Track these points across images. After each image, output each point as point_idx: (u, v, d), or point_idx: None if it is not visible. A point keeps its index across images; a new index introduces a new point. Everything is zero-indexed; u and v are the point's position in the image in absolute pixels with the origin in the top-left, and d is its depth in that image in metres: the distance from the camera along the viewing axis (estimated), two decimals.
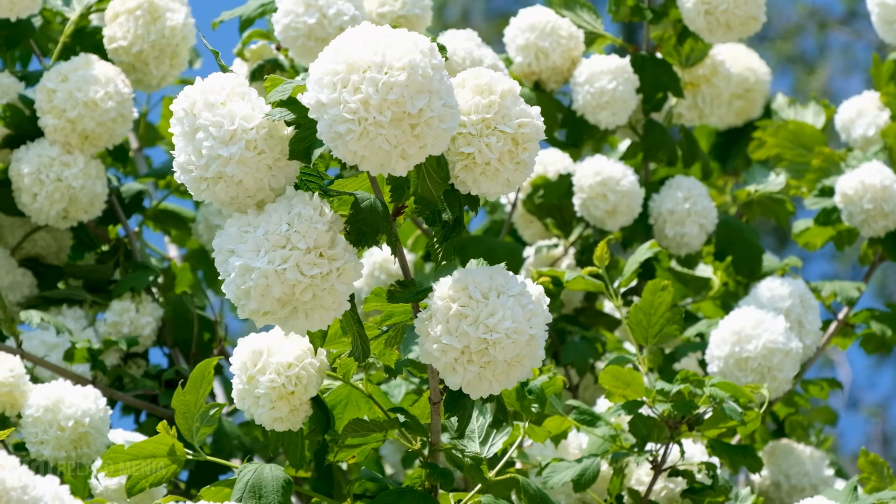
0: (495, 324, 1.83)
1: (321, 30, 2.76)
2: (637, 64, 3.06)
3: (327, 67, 1.73)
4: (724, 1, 2.92)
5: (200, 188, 1.83)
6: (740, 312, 2.73)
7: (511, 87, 1.88)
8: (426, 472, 2.11)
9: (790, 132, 3.21)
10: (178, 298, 2.95)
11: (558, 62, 3.05)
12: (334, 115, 1.72)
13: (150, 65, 2.88)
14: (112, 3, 2.89)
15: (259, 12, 2.87)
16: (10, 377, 2.36)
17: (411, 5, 2.86)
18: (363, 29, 1.76)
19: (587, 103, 3.01)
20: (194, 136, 1.82)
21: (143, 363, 2.93)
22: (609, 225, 2.97)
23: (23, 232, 2.97)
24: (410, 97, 1.71)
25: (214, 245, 1.84)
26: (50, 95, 2.77)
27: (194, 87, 1.83)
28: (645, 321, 2.38)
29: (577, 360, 2.95)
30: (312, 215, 1.80)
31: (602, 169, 2.95)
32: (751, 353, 2.68)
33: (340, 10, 2.75)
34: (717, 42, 2.99)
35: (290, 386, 2.06)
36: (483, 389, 1.87)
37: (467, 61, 2.89)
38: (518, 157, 1.88)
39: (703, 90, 3.14)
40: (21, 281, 2.89)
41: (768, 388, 2.66)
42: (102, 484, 2.47)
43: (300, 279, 1.78)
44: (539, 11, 3.06)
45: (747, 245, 3.09)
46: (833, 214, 3.02)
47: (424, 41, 1.75)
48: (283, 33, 2.78)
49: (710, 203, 3.03)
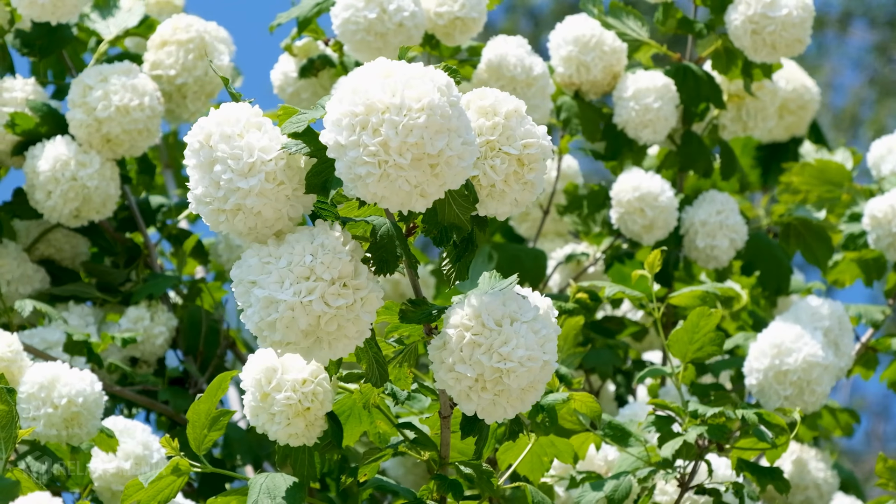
0: (509, 352, 1.85)
1: (381, 25, 2.78)
2: (679, 74, 3.06)
3: (345, 109, 1.73)
4: (773, 22, 2.92)
5: (219, 220, 1.83)
6: (780, 326, 2.75)
7: (516, 107, 1.87)
8: (436, 485, 2.13)
9: (816, 169, 3.21)
10: (195, 308, 2.96)
11: (599, 77, 3.06)
12: (354, 158, 1.72)
13: (188, 98, 2.91)
14: (160, 30, 2.91)
15: (316, 11, 2.89)
16: (7, 352, 2.38)
17: (469, 8, 2.88)
18: (380, 66, 1.75)
19: (630, 120, 3.02)
20: (211, 169, 1.82)
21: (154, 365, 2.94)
22: (645, 239, 2.99)
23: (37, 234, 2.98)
24: (430, 138, 1.71)
25: (233, 276, 1.85)
26: (85, 91, 2.79)
27: (209, 119, 1.83)
28: (686, 338, 2.40)
29: (599, 366, 2.98)
30: (336, 245, 1.80)
31: (641, 184, 2.96)
32: (791, 366, 2.71)
33: (400, 6, 2.77)
34: (759, 60, 2.99)
35: (306, 402, 2.08)
36: (497, 415, 1.90)
37: (518, 68, 2.92)
38: (524, 178, 1.88)
39: (748, 103, 3.15)
40: (32, 275, 2.91)
41: (805, 401, 2.68)
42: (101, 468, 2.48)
43: (326, 310, 1.79)
44: (584, 23, 3.05)
45: (776, 262, 3.11)
46: (860, 239, 3.03)
47: (441, 77, 1.75)
48: (341, 27, 2.79)
49: (741, 219, 3.05)
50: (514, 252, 3.10)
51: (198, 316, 2.97)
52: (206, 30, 2.94)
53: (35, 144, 2.82)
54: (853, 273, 3.15)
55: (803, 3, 2.92)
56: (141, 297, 2.87)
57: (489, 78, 2.91)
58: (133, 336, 2.76)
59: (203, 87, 2.90)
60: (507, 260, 3.06)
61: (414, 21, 2.79)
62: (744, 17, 2.93)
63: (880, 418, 8.53)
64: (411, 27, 2.79)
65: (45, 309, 2.68)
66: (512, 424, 2.08)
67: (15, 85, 2.86)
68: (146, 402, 2.84)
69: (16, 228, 2.97)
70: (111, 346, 2.84)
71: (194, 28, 2.92)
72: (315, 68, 3.00)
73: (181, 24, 2.93)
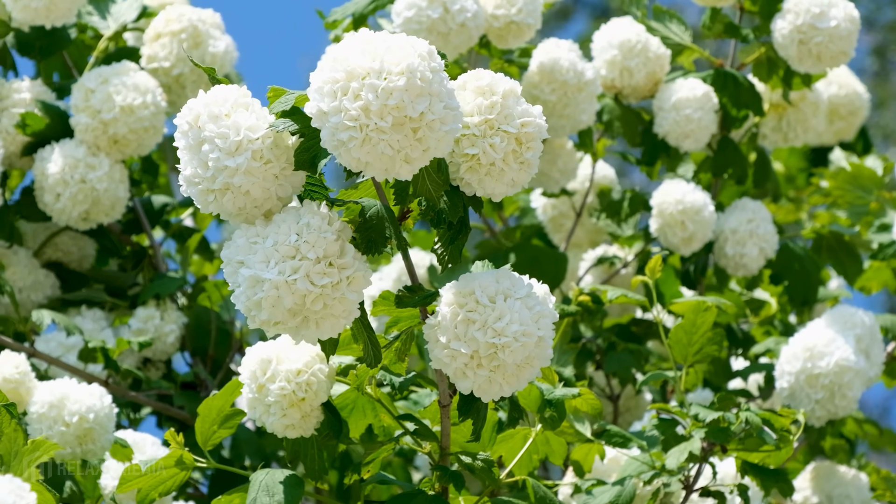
0: (503, 328, 1.83)
1: (443, 25, 2.79)
2: (720, 80, 3.05)
3: (327, 76, 1.73)
4: (821, 33, 2.90)
5: (208, 200, 1.83)
6: (812, 330, 2.73)
7: (512, 87, 1.88)
8: (437, 475, 2.11)
9: (849, 175, 3.19)
10: (200, 309, 2.94)
11: (641, 82, 3.06)
12: (336, 123, 1.72)
13: (187, 88, 2.92)
14: (154, 23, 2.93)
15: (372, 8, 2.90)
16: (15, 374, 2.38)
17: (526, 14, 2.88)
18: (361, 36, 1.76)
19: (671, 130, 3.01)
20: (200, 149, 1.82)
21: (162, 367, 2.93)
22: (683, 250, 2.98)
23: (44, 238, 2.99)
24: (410, 101, 1.71)
25: (223, 256, 1.84)
26: (87, 95, 2.80)
27: (197, 100, 1.84)
28: (685, 339, 2.38)
29: (619, 370, 2.96)
30: (321, 225, 1.80)
31: (685, 198, 2.95)
32: (823, 369, 2.68)
33: (464, 7, 2.78)
34: (803, 70, 2.97)
35: (300, 393, 2.06)
36: (494, 392, 1.87)
37: (571, 72, 2.92)
38: (522, 157, 1.87)
39: (789, 113, 3.14)
40: (43, 281, 2.92)
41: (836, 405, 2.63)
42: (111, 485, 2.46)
43: (311, 289, 1.78)
44: (629, 27, 3.05)
45: (805, 273, 3.08)
46: (889, 249, 3.01)
47: (423, 45, 1.75)
48: (404, 25, 2.80)
49: (772, 228, 3.03)
50: (534, 253, 3.08)
51: (205, 317, 2.96)
52: (200, 18, 2.94)
53: (44, 146, 2.83)
54: (881, 280, 3.11)
55: (851, 15, 2.91)
56: (147, 296, 2.87)
57: (541, 80, 2.91)
58: (148, 340, 2.75)
59: (201, 75, 2.92)
60: (526, 261, 3.04)
61: (476, 22, 2.80)
62: (792, 27, 2.91)
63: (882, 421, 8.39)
64: (472, 28, 2.80)
65: (64, 321, 2.67)
66: (511, 410, 2.04)
67: (22, 86, 2.88)
68: (160, 406, 2.83)
69: (22, 231, 2.98)
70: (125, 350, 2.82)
71: (186, 17, 2.92)
72: None
73: (173, 14, 2.93)
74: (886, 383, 3.07)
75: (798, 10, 2.91)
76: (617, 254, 3.25)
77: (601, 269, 3.27)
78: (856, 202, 3.16)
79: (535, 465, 2.26)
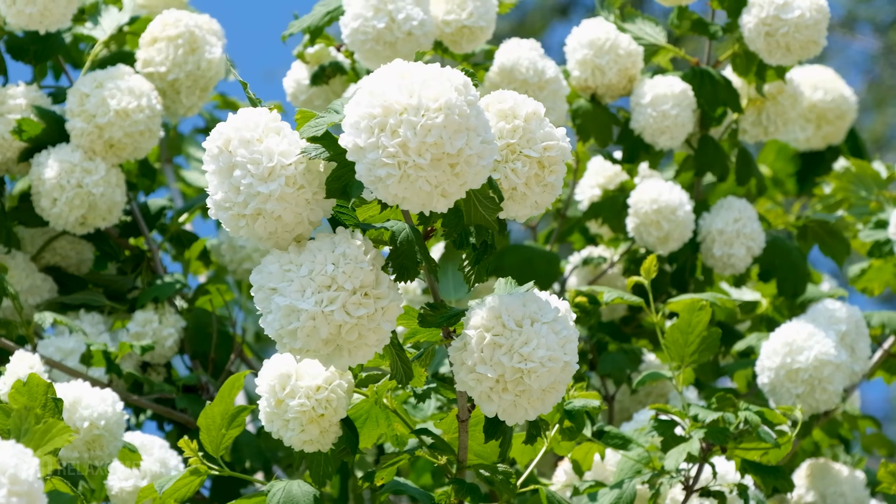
0: (530, 353, 1.84)
1: (389, 34, 2.78)
2: (696, 78, 3.06)
3: (363, 111, 1.72)
4: (786, 24, 2.91)
5: (239, 225, 1.83)
6: (792, 325, 2.74)
7: (535, 109, 1.88)
8: (454, 489, 2.12)
9: (854, 175, 3.21)
10: (200, 311, 2.93)
11: (614, 80, 3.05)
12: (373, 160, 1.71)
13: (182, 93, 2.88)
14: (150, 28, 2.89)
15: (327, 20, 2.89)
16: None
17: (477, 17, 2.87)
18: (396, 68, 1.74)
19: (648, 126, 3.01)
20: (231, 174, 1.81)
21: (162, 370, 2.92)
22: (660, 249, 2.99)
23: (42, 242, 2.97)
24: (449, 137, 1.71)
25: (253, 281, 1.84)
26: (82, 99, 2.78)
27: (227, 124, 1.82)
28: (681, 340, 2.39)
29: (614, 370, 2.99)
30: (357, 255, 1.80)
31: (659, 197, 2.95)
32: (802, 364, 2.69)
33: (409, 15, 2.77)
34: (774, 63, 2.98)
35: (320, 409, 2.07)
36: (518, 416, 1.90)
37: (531, 71, 2.91)
38: (545, 181, 1.88)
39: (768, 107, 3.14)
40: (41, 285, 2.90)
41: (817, 399, 2.65)
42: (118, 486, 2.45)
43: (347, 320, 1.79)
44: (599, 26, 3.04)
45: (793, 266, 3.11)
46: (886, 246, 3.04)
47: (458, 76, 1.74)
48: (350, 37, 2.80)
49: (758, 226, 3.05)
50: (527, 255, 3.09)
51: (204, 320, 2.96)
52: (197, 24, 2.91)
53: (40, 151, 2.81)
54: (882, 280, 3.13)
55: (817, 4, 2.93)
56: (146, 300, 2.86)
57: (501, 81, 2.90)
58: (151, 344, 2.73)
59: (196, 81, 2.89)
60: (520, 263, 3.04)
61: (423, 30, 2.79)
62: (757, 20, 2.93)
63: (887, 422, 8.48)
64: (420, 36, 2.79)
65: (65, 321, 2.65)
66: (530, 428, 2.06)
67: (18, 92, 2.84)
68: (163, 410, 2.83)
69: (20, 236, 2.96)
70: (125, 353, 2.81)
71: (183, 23, 2.89)
72: (326, 75, 3.00)
73: (170, 19, 2.91)
74: (886, 380, 3.10)
75: (762, 2, 2.93)
76: (602, 254, 3.25)
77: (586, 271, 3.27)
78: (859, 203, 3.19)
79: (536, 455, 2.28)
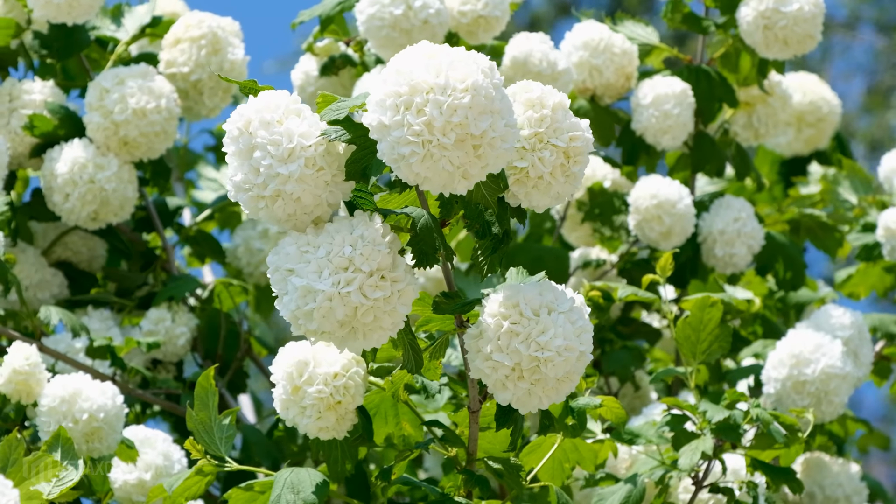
0: (547, 342, 1.84)
1: (406, 21, 2.78)
2: (693, 76, 3.06)
3: (390, 89, 1.72)
4: (784, 17, 2.92)
5: (258, 207, 1.82)
6: (798, 335, 2.72)
7: (561, 100, 1.89)
8: (463, 480, 2.11)
9: (844, 177, 3.22)
10: (214, 311, 2.93)
11: (612, 79, 3.06)
12: (398, 138, 1.71)
13: (205, 94, 2.89)
14: (174, 29, 2.91)
15: (338, 10, 2.89)
16: (25, 365, 2.35)
17: (493, 7, 2.88)
18: (423, 49, 1.75)
19: (650, 126, 3.01)
20: (251, 156, 1.81)
21: (172, 369, 2.90)
22: (662, 245, 2.97)
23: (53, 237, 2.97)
24: (474, 118, 1.71)
25: (269, 262, 1.83)
26: (102, 94, 2.78)
27: (248, 106, 1.82)
28: (693, 337, 2.38)
29: (619, 368, 2.98)
30: (376, 237, 1.79)
31: (659, 192, 2.94)
32: (809, 377, 2.68)
33: (426, 3, 2.78)
34: (771, 57, 2.99)
35: (338, 396, 2.07)
36: (532, 405, 1.90)
37: (544, 63, 2.91)
38: (569, 171, 1.88)
39: (759, 110, 3.14)
40: (50, 280, 2.89)
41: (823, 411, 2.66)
42: (121, 479, 2.43)
43: (363, 302, 1.78)
44: (592, 28, 3.06)
45: (790, 260, 3.11)
46: (875, 250, 3.04)
47: (484, 60, 1.75)
48: (366, 23, 2.80)
49: (758, 225, 3.05)
50: (537, 253, 3.09)
51: (217, 320, 2.93)
52: (220, 25, 2.92)
53: (53, 147, 2.80)
54: (868, 285, 3.13)
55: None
56: (162, 299, 2.85)
57: (514, 74, 2.91)
58: (157, 341, 2.72)
59: (219, 82, 2.89)
60: (530, 260, 3.05)
61: (439, 19, 2.80)
62: (756, 13, 2.94)
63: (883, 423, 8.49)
64: (436, 24, 2.80)
65: (71, 321, 2.63)
66: (543, 418, 2.04)
67: (34, 87, 2.84)
68: (168, 405, 2.80)
69: (32, 231, 2.95)
70: (134, 349, 2.79)
71: (206, 24, 2.90)
72: (336, 67, 3.00)
73: (193, 20, 2.91)
74: (876, 383, 3.10)
75: None
76: (601, 256, 3.24)
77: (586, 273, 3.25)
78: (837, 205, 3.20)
79: (567, 474, 2.27)
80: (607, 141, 3.09)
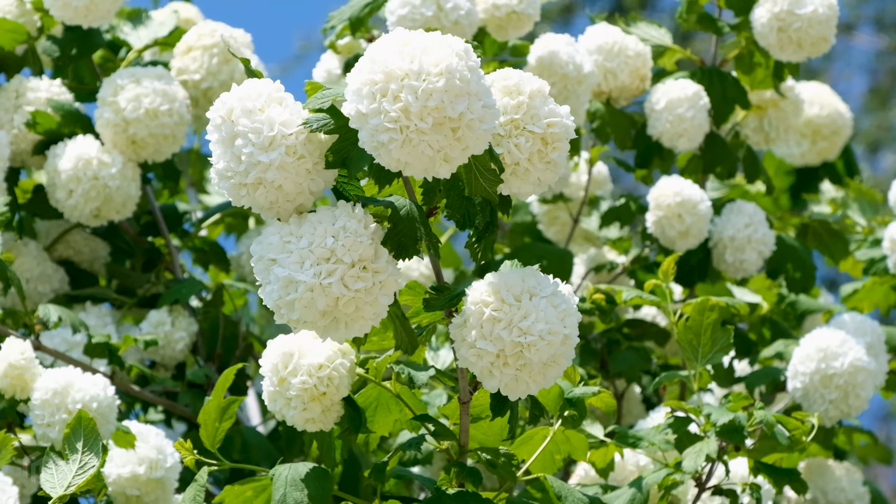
0: (529, 326, 1.84)
1: (437, 22, 2.80)
2: (706, 78, 3.07)
3: (365, 77, 1.73)
4: (799, 19, 2.91)
5: (240, 194, 1.83)
6: (824, 331, 2.75)
7: (540, 87, 1.88)
8: (455, 472, 2.11)
9: (852, 199, 3.21)
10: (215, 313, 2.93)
11: (627, 82, 3.07)
12: (376, 125, 1.72)
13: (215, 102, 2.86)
14: (186, 37, 2.94)
15: (367, 11, 2.89)
16: (21, 360, 2.37)
17: (527, 4, 2.89)
18: (396, 36, 1.76)
19: (666, 130, 3.01)
20: (233, 143, 1.82)
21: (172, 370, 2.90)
22: (679, 246, 2.97)
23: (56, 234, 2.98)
24: (450, 101, 1.72)
25: (253, 251, 1.85)
26: (116, 90, 2.80)
27: (231, 94, 1.84)
28: (695, 341, 2.39)
29: (626, 369, 2.97)
30: (357, 228, 1.80)
31: (682, 190, 2.94)
32: (837, 370, 2.69)
33: (457, 4, 2.79)
34: (784, 59, 2.99)
35: (321, 387, 2.07)
36: (521, 391, 1.89)
37: (570, 65, 2.91)
38: (548, 157, 1.88)
39: (771, 114, 3.15)
40: (52, 275, 2.91)
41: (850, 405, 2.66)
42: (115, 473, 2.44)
43: (345, 293, 1.79)
44: (605, 31, 3.07)
45: (801, 263, 3.10)
46: (880, 264, 3.03)
47: (458, 43, 1.75)
48: (397, 24, 2.81)
49: (769, 231, 3.05)
50: (540, 252, 3.10)
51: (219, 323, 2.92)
52: (232, 35, 2.96)
53: (56, 144, 2.81)
54: (872, 301, 3.13)
55: (828, 0, 2.93)
56: (166, 301, 2.85)
57: (540, 74, 2.90)
58: (154, 339, 2.74)
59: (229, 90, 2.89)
60: (533, 259, 3.04)
61: (469, 19, 2.81)
62: (770, 15, 2.94)
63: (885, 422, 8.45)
64: (466, 25, 2.81)
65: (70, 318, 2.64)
66: (532, 408, 2.04)
67: (40, 85, 2.86)
68: (166, 403, 2.81)
69: (36, 229, 2.97)
70: (130, 347, 2.80)
71: (218, 33, 2.94)
72: None
73: (205, 29, 2.95)
74: (884, 395, 3.08)
75: None
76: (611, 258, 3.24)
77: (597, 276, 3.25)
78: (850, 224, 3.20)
79: (558, 465, 2.26)
80: (624, 144, 3.09)
